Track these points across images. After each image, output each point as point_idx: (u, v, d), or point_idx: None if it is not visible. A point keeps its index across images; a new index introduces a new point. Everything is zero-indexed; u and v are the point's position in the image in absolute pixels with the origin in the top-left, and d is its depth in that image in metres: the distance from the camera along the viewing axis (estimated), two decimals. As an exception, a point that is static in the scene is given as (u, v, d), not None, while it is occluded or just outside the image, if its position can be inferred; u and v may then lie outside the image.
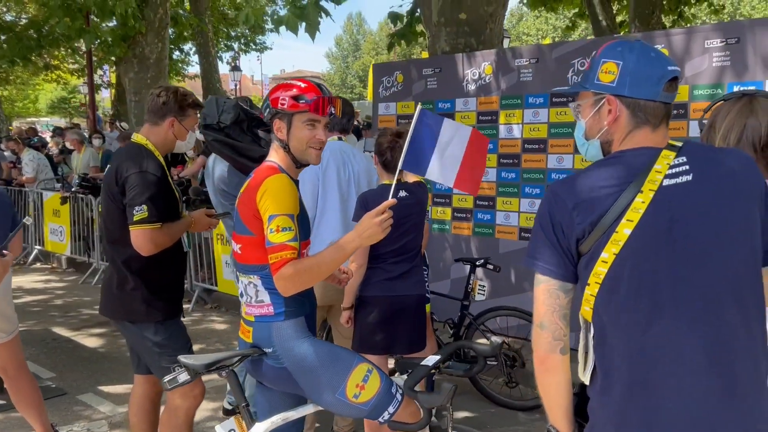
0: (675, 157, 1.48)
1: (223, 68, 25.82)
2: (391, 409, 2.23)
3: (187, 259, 3.42)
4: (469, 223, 5.34)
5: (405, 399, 2.27)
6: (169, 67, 14.40)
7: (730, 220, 1.46)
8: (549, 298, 1.53)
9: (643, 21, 11.15)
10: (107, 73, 25.02)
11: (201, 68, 19.30)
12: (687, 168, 1.47)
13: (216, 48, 20.65)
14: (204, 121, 3.28)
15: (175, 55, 20.59)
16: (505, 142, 5.12)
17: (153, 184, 2.80)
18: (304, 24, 5.38)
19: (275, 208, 2.13)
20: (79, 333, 6.00)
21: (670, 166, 1.47)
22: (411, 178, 3.24)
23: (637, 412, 1.44)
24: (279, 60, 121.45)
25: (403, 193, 3.09)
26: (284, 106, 2.24)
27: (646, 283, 1.43)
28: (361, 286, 3.15)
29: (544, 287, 1.54)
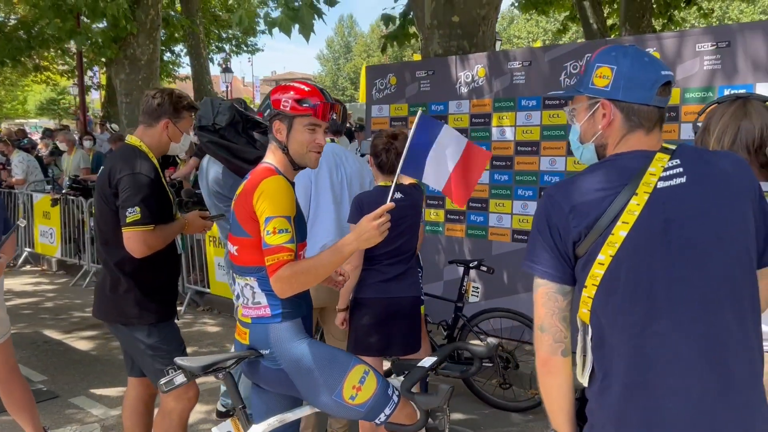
0: (669, 160, 1.50)
1: (214, 70, 25.77)
2: (387, 411, 2.24)
3: (180, 261, 3.41)
4: (462, 225, 5.36)
5: (401, 400, 2.28)
6: (160, 69, 14.33)
7: (725, 221, 1.48)
8: (548, 301, 1.54)
9: (634, 24, 11.25)
10: (97, 74, 24.88)
11: (192, 70, 19.26)
12: (681, 170, 1.49)
13: (207, 49, 20.62)
14: (199, 123, 3.27)
15: (166, 57, 20.52)
16: (497, 145, 5.14)
17: (146, 186, 2.79)
18: (296, 26, 5.38)
19: (272, 210, 2.13)
20: (70, 336, 5.97)
21: (664, 169, 1.49)
22: (406, 180, 3.25)
23: (637, 413, 1.45)
24: (270, 62, 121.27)
25: (398, 195, 3.09)
26: (286, 108, 2.24)
27: (643, 285, 1.44)
28: (356, 287, 3.15)
29: (543, 290, 1.55)
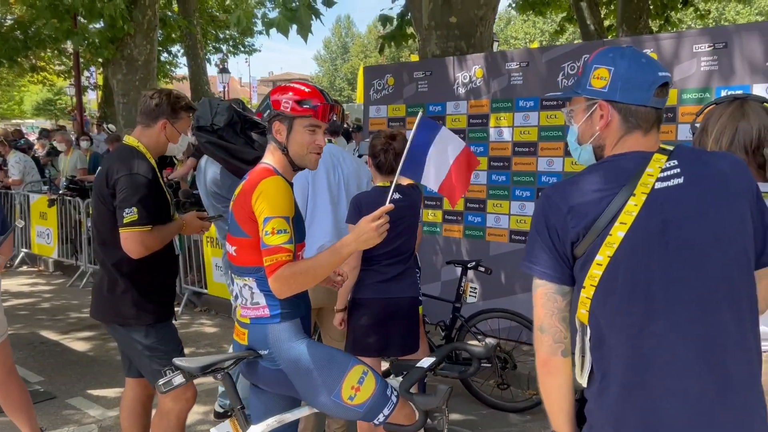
0: (666, 161, 1.50)
1: (212, 70, 25.77)
2: (386, 411, 2.23)
3: (178, 262, 3.41)
4: (460, 225, 5.36)
5: (400, 401, 2.28)
6: (157, 69, 14.32)
7: (723, 222, 1.48)
8: (547, 301, 1.55)
9: (631, 25, 11.28)
10: (94, 74, 24.82)
11: (189, 70, 19.25)
12: (678, 171, 1.49)
13: (204, 50, 20.61)
14: (197, 123, 3.27)
15: (163, 57, 20.48)
16: (495, 145, 5.14)
17: (143, 187, 2.79)
18: (294, 26, 5.38)
19: (270, 211, 2.13)
20: (67, 336, 5.95)
21: (662, 170, 1.49)
22: (405, 180, 3.25)
23: (635, 413, 1.45)
24: (267, 62, 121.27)
25: (396, 196, 3.10)
26: (287, 109, 2.24)
27: (640, 285, 1.45)
28: (354, 288, 3.15)
29: (542, 291, 1.56)
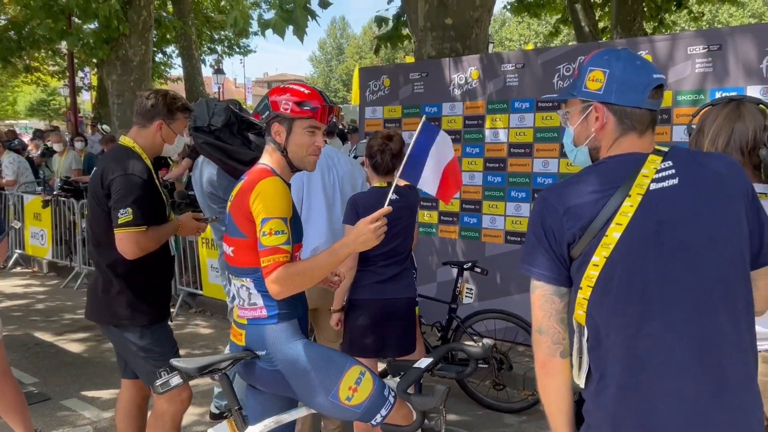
0: (661, 162, 1.51)
1: (206, 71, 25.76)
2: (383, 412, 2.23)
3: (174, 263, 3.40)
4: (456, 226, 5.37)
5: (397, 401, 2.27)
6: (152, 70, 14.28)
7: (718, 223, 1.49)
8: (545, 303, 1.55)
9: (625, 27, 11.33)
10: (88, 75, 24.76)
11: (184, 71, 19.22)
12: (673, 172, 1.50)
13: (199, 51, 20.58)
14: (194, 124, 3.27)
15: (158, 58, 20.47)
16: (491, 147, 5.15)
17: (138, 187, 2.78)
18: (290, 27, 5.38)
19: (268, 211, 2.13)
20: (61, 338, 5.93)
21: (657, 171, 1.50)
22: (402, 181, 3.25)
23: (631, 414, 1.46)
24: (262, 63, 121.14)
25: (393, 196, 3.10)
26: (286, 111, 2.24)
27: (636, 286, 1.45)
28: (351, 288, 3.15)
29: (540, 293, 1.56)
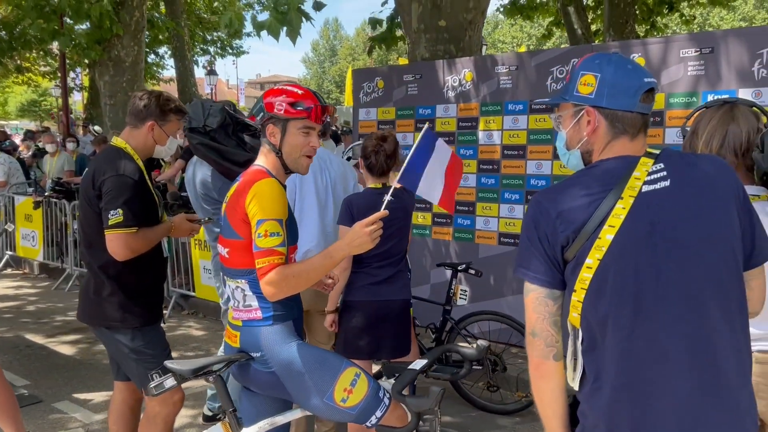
0: (653, 164, 1.53)
1: (199, 72, 25.69)
2: (378, 413, 2.24)
3: (166, 265, 3.38)
4: (449, 228, 5.38)
5: (392, 403, 2.28)
6: (145, 71, 14.24)
7: (710, 222, 1.50)
8: (539, 306, 1.56)
9: (617, 30, 11.38)
10: (80, 75, 24.65)
11: (176, 72, 19.15)
12: (665, 174, 1.51)
13: (192, 52, 20.51)
14: (189, 124, 3.26)
15: (150, 59, 20.38)
16: (484, 149, 5.16)
17: (129, 188, 2.76)
18: (284, 29, 5.37)
19: (264, 213, 2.13)
20: (53, 340, 5.89)
21: (649, 173, 1.51)
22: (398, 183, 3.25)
23: (627, 414, 1.47)
24: (255, 64, 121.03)
25: (388, 198, 3.10)
26: (280, 112, 2.24)
27: (629, 287, 1.46)
28: (345, 290, 3.15)
29: (534, 296, 1.57)
